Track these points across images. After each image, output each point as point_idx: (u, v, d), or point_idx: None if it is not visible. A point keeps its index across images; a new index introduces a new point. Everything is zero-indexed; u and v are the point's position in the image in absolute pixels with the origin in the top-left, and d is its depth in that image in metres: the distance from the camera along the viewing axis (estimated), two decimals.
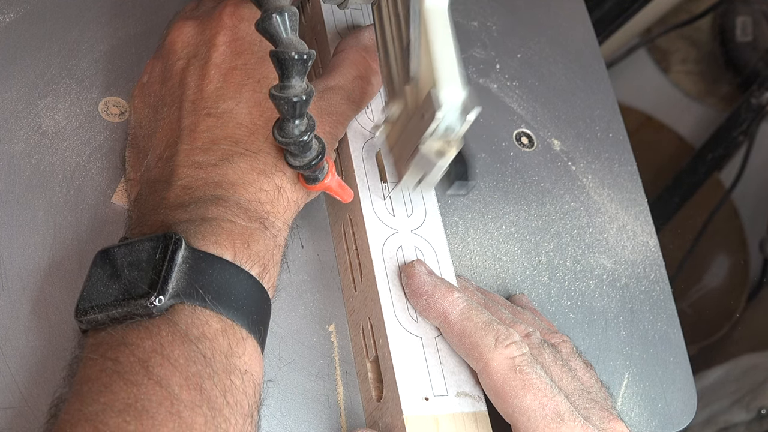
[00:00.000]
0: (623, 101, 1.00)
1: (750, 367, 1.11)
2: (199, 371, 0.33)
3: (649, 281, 0.56)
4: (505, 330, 0.40)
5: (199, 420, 0.32)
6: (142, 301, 0.33)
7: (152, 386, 0.32)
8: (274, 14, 0.33)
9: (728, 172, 1.28)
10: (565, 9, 0.68)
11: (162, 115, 0.42)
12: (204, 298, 0.34)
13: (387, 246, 0.43)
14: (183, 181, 0.39)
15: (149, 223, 0.38)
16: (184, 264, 0.35)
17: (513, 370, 0.39)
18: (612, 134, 0.62)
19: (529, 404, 0.38)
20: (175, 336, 0.33)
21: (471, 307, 0.41)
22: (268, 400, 0.41)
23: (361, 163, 0.46)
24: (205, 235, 0.36)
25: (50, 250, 0.41)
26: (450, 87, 0.37)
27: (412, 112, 0.40)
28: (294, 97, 0.35)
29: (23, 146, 0.44)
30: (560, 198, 0.56)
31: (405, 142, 0.41)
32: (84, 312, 0.34)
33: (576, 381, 0.41)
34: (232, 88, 0.41)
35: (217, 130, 0.40)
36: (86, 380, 0.32)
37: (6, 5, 0.49)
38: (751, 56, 1.37)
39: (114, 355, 0.33)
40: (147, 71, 0.46)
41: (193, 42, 0.44)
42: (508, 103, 0.59)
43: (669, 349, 0.53)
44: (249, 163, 0.39)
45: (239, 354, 0.35)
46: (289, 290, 0.45)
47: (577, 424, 0.38)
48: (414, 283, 0.42)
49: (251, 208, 0.39)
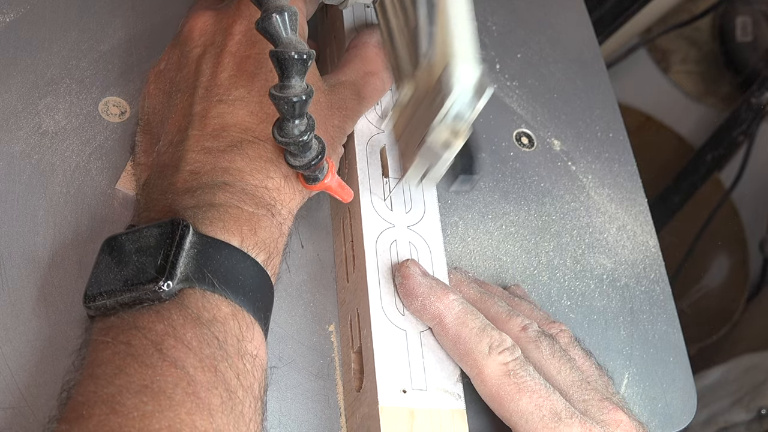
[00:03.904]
0: (623, 101, 1.00)
1: (750, 367, 1.11)
2: (213, 353, 0.33)
3: (649, 281, 0.56)
4: (498, 336, 0.40)
5: (215, 401, 0.32)
6: (151, 285, 0.33)
7: (167, 368, 0.32)
8: (274, 14, 0.33)
9: (728, 172, 1.28)
10: (565, 9, 0.68)
11: (175, 101, 0.43)
12: (213, 282, 0.35)
13: (381, 239, 0.44)
14: (191, 166, 0.39)
15: (157, 208, 0.38)
16: (192, 249, 0.35)
17: (507, 375, 0.39)
18: (612, 134, 0.62)
19: (525, 407, 0.38)
20: (187, 319, 0.33)
21: (467, 311, 0.41)
22: (268, 400, 0.41)
23: (365, 157, 0.46)
24: (212, 221, 0.37)
25: (50, 250, 0.41)
26: (464, 66, 0.36)
27: (423, 96, 0.39)
28: (294, 97, 0.35)
29: (23, 146, 0.44)
30: (560, 198, 0.56)
31: (413, 130, 0.41)
32: (92, 298, 0.34)
33: (575, 372, 0.41)
34: (245, 76, 0.42)
35: (228, 116, 0.40)
36: (99, 363, 0.33)
37: (6, 5, 0.49)
38: (751, 56, 1.37)
39: (126, 339, 0.33)
40: (164, 58, 0.46)
41: (210, 30, 0.44)
42: (508, 103, 0.59)
43: (669, 349, 0.53)
44: (257, 150, 0.40)
45: (249, 338, 0.35)
46: (289, 290, 0.45)
47: (574, 420, 0.38)
48: (409, 284, 0.42)
49: (258, 195, 0.39)
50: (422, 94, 0.39)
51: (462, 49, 0.37)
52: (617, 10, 1.11)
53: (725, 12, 1.39)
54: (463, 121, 0.38)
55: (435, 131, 0.38)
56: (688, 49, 1.43)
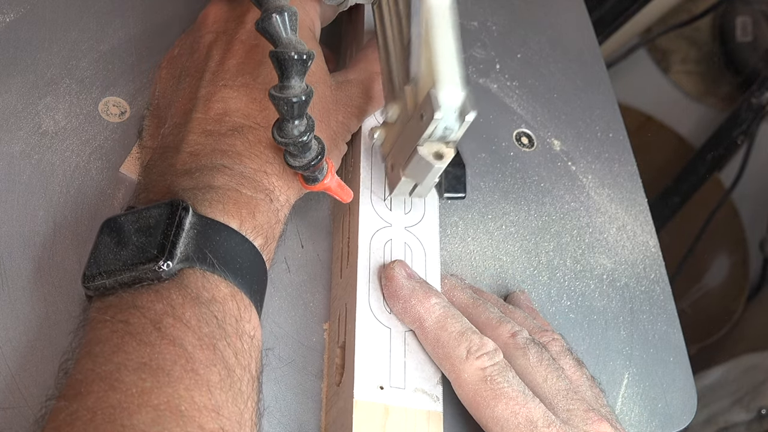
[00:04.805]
0: (623, 101, 1.00)
1: (750, 367, 1.11)
2: (212, 332, 0.33)
3: (649, 281, 0.56)
4: (478, 340, 0.40)
5: (214, 378, 0.32)
6: (151, 265, 0.34)
7: (166, 345, 0.32)
8: (273, 14, 0.33)
9: (728, 172, 1.28)
10: (565, 9, 0.68)
11: (183, 86, 0.43)
12: (213, 263, 0.35)
13: (377, 237, 0.44)
14: (191, 147, 0.39)
15: (156, 189, 0.38)
16: (191, 230, 0.35)
17: (484, 381, 0.39)
18: (612, 134, 0.62)
19: (501, 413, 0.38)
20: (186, 298, 0.34)
21: (447, 315, 0.41)
22: (268, 400, 0.41)
23: (370, 156, 0.46)
24: (211, 203, 0.37)
25: (50, 250, 0.41)
26: (449, 87, 0.37)
27: (411, 114, 0.40)
28: (293, 98, 0.35)
29: (23, 146, 0.44)
30: (560, 198, 0.56)
31: (402, 144, 0.41)
32: (92, 278, 0.35)
33: (562, 380, 0.41)
34: (252, 64, 0.42)
35: (231, 101, 0.41)
36: (97, 341, 0.33)
37: (6, 5, 0.49)
38: (751, 56, 1.36)
39: (124, 317, 0.33)
40: (178, 44, 0.47)
41: (223, 18, 0.45)
42: (508, 103, 0.59)
43: (669, 349, 0.53)
44: (257, 136, 0.40)
45: (246, 319, 0.35)
46: (289, 290, 0.45)
47: (552, 429, 0.38)
48: (392, 285, 0.42)
49: (257, 179, 0.39)
50: (410, 111, 0.40)
51: (447, 71, 0.37)
52: (617, 10, 1.11)
53: (725, 12, 1.39)
54: (448, 141, 0.39)
55: (421, 150, 0.39)
56: (688, 49, 1.43)
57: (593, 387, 0.43)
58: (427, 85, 0.38)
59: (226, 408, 0.32)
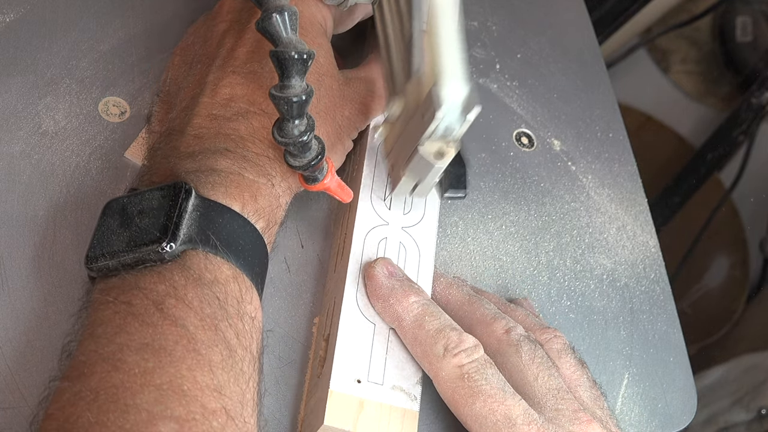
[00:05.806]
0: (623, 101, 1.00)
1: (750, 367, 1.11)
2: (214, 313, 0.33)
3: (649, 281, 0.56)
4: (456, 337, 0.39)
5: (216, 357, 0.32)
6: (154, 246, 0.34)
7: (168, 326, 0.32)
8: (274, 14, 0.33)
9: (728, 172, 1.28)
10: (565, 9, 0.68)
11: (194, 72, 0.44)
12: (215, 245, 0.35)
13: (372, 234, 0.44)
14: (196, 131, 0.40)
15: (159, 172, 0.38)
16: (194, 212, 0.36)
17: (461, 378, 0.38)
18: (612, 134, 0.62)
19: (479, 411, 0.38)
20: (188, 280, 0.34)
21: (426, 313, 0.41)
22: (268, 400, 0.41)
23: (374, 154, 0.46)
24: (214, 186, 0.37)
25: (50, 250, 0.41)
26: (452, 84, 0.37)
27: (413, 112, 0.40)
28: (294, 97, 0.35)
29: (23, 146, 0.44)
30: (560, 198, 0.56)
31: (403, 143, 0.41)
32: (95, 259, 0.35)
33: (554, 379, 0.40)
34: (261, 53, 0.42)
35: (238, 87, 0.41)
36: (99, 323, 0.33)
37: (6, 5, 0.49)
38: (751, 56, 1.36)
39: (127, 299, 0.33)
40: (192, 32, 0.48)
41: (238, 8, 0.46)
42: (508, 103, 0.59)
43: (669, 349, 0.53)
44: (262, 122, 0.40)
45: (248, 300, 0.36)
46: (289, 290, 0.45)
47: (532, 427, 0.37)
48: (372, 285, 0.42)
49: (260, 164, 0.39)
50: (412, 109, 0.40)
51: (451, 66, 0.37)
52: (617, 10, 1.11)
53: (725, 12, 1.39)
54: (451, 137, 0.39)
55: (424, 147, 0.39)
56: (688, 49, 1.43)
57: (593, 388, 0.42)
58: (430, 83, 0.38)
59: (228, 388, 0.32)
